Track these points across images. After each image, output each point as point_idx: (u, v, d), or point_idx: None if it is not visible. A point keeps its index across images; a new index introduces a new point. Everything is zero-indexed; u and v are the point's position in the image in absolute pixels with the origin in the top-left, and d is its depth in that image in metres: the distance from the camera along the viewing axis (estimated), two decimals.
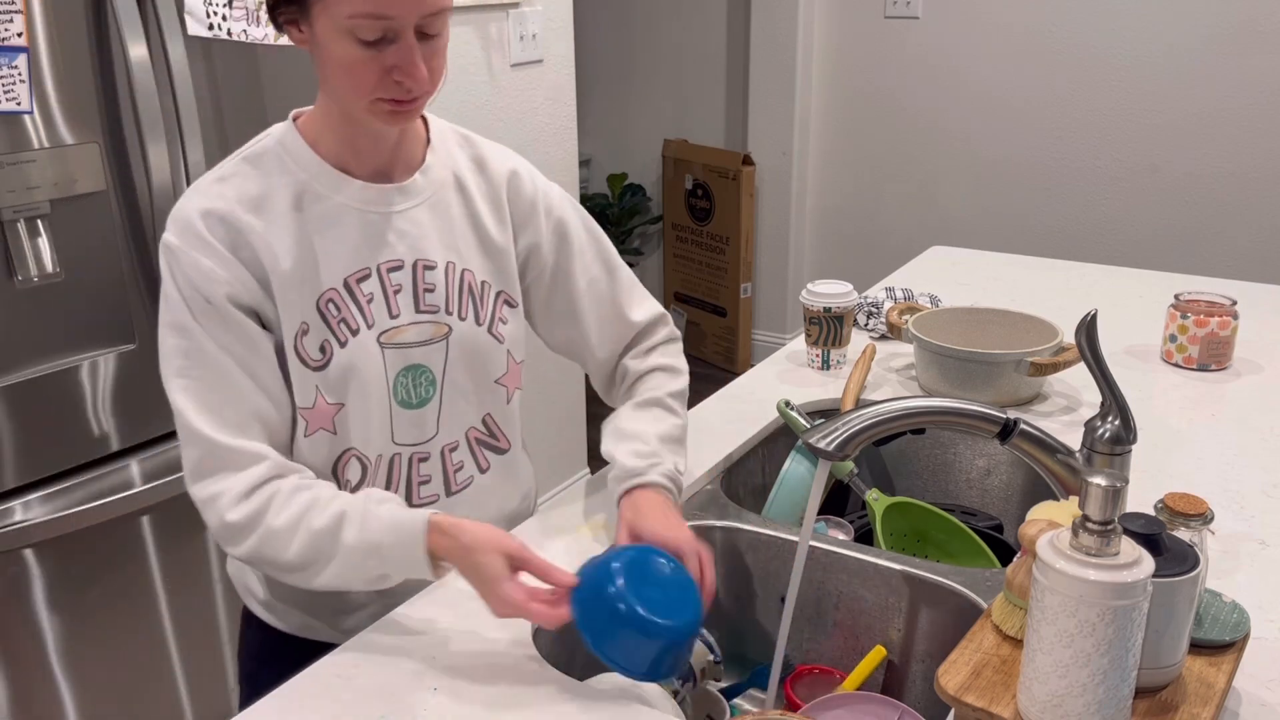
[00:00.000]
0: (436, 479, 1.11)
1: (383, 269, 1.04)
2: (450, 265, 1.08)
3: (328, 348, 1.02)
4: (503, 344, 1.12)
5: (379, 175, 1.06)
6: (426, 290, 1.06)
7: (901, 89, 3.58)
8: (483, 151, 1.14)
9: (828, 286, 1.59)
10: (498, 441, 1.16)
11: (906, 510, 1.34)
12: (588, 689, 0.94)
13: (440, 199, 1.08)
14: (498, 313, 1.11)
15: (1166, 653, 0.83)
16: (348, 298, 1.03)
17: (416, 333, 1.06)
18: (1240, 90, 3.04)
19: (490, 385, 1.13)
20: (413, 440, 1.09)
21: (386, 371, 1.05)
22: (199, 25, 1.71)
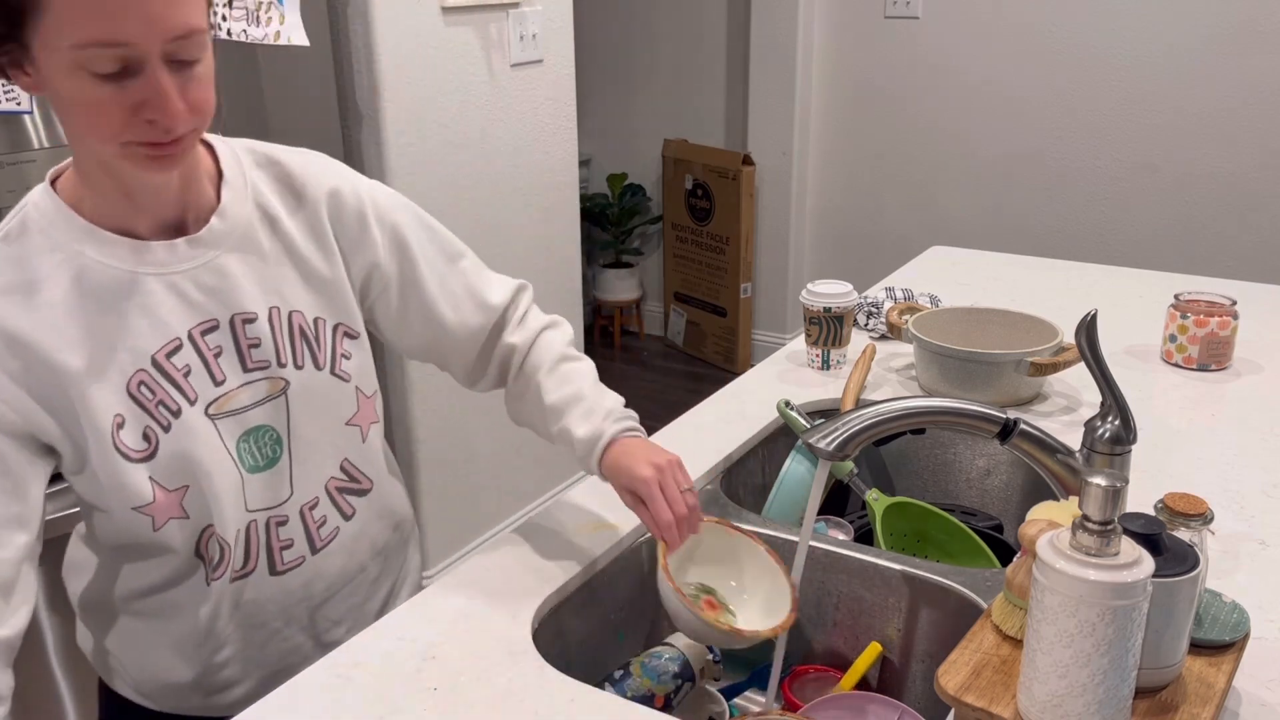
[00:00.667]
0: (300, 540, 1.03)
1: (195, 334, 0.93)
2: (274, 311, 0.96)
3: (151, 435, 0.92)
4: (349, 382, 1.02)
5: (166, 230, 0.92)
6: (251, 346, 0.95)
7: (901, 89, 3.58)
8: (290, 170, 0.99)
9: (828, 286, 1.59)
10: (360, 484, 1.08)
11: (906, 510, 1.34)
12: (588, 689, 0.94)
13: (247, 239, 0.95)
14: (339, 349, 1.01)
15: (1166, 653, 0.83)
16: (160, 377, 0.91)
17: (250, 394, 0.96)
18: (1240, 90, 3.04)
19: (341, 429, 1.03)
20: (267, 504, 1.00)
21: (224, 443, 0.95)
22: None
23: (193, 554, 0.99)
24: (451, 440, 2.51)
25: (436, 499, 2.51)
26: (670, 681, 1.05)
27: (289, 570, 1.04)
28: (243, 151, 0.98)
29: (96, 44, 0.76)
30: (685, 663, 1.07)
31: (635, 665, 1.06)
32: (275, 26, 1.86)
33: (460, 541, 2.62)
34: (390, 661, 0.97)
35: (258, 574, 1.02)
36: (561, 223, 2.73)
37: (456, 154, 2.36)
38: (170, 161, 0.84)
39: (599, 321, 4.48)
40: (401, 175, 2.22)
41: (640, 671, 1.05)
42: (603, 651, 1.16)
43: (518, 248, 2.60)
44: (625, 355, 4.33)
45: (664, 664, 1.06)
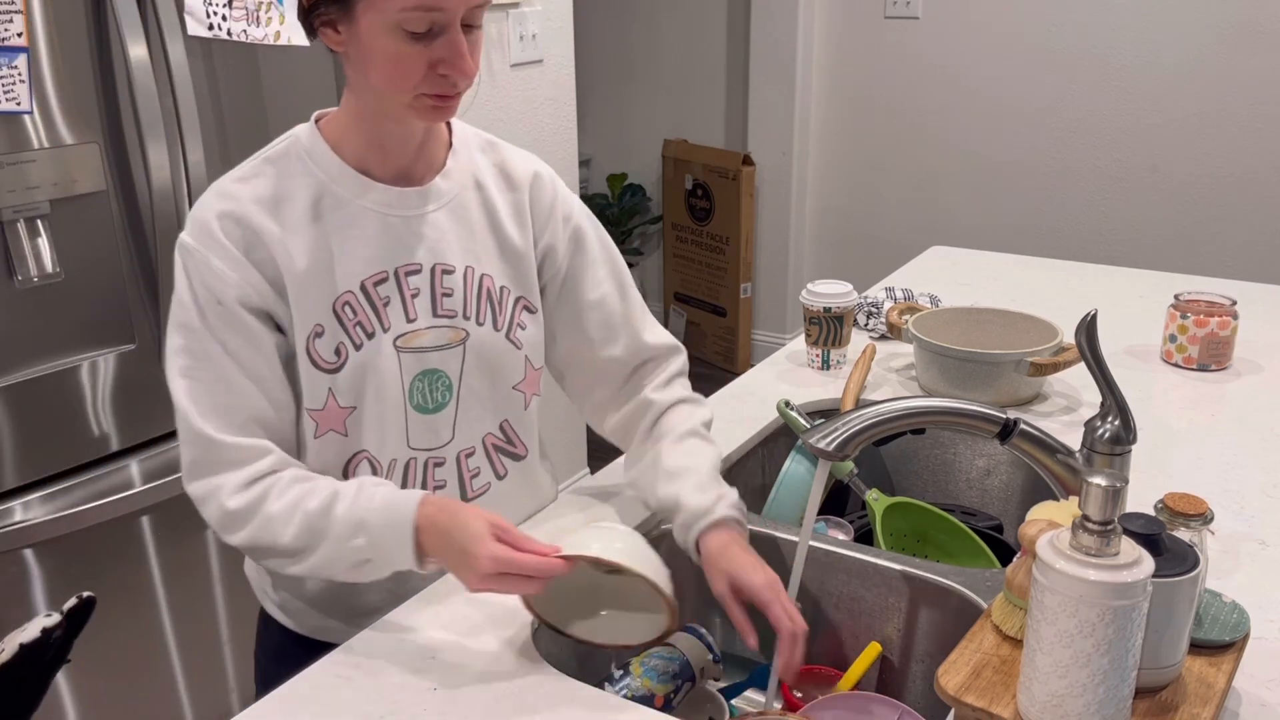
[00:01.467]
0: (452, 484, 1.11)
1: (400, 273, 1.04)
2: (469, 270, 1.07)
3: (343, 350, 1.02)
4: (521, 350, 1.11)
5: (401, 178, 1.05)
6: (444, 295, 1.06)
7: (901, 89, 3.58)
8: (505, 155, 1.13)
9: (828, 286, 1.59)
10: (515, 448, 1.16)
11: (906, 510, 1.34)
12: (588, 690, 0.94)
13: (461, 202, 1.08)
14: (516, 318, 1.11)
15: (1166, 653, 0.83)
16: (364, 301, 1.02)
17: (433, 337, 1.05)
18: (1240, 91, 3.04)
19: (507, 391, 1.12)
20: (428, 445, 1.08)
21: (402, 376, 1.04)
22: (199, 25, 1.71)
23: (339, 474, 1.06)
24: None
25: None
26: (670, 681, 1.05)
27: None
28: (473, 135, 1.12)
29: (418, 8, 0.91)
30: (685, 663, 1.07)
31: (635, 665, 1.06)
32: (275, 26, 1.86)
33: None
34: (390, 661, 0.97)
35: None
36: None
37: None
38: (448, 112, 0.98)
39: None
40: None
41: (640, 671, 1.05)
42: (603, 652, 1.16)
43: None
44: None
45: (664, 664, 1.06)
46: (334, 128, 1.04)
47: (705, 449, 1.14)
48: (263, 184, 1.01)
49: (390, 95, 0.97)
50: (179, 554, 1.82)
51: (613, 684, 1.03)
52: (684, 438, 1.14)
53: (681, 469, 1.11)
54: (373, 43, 0.94)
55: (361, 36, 0.94)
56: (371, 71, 0.96)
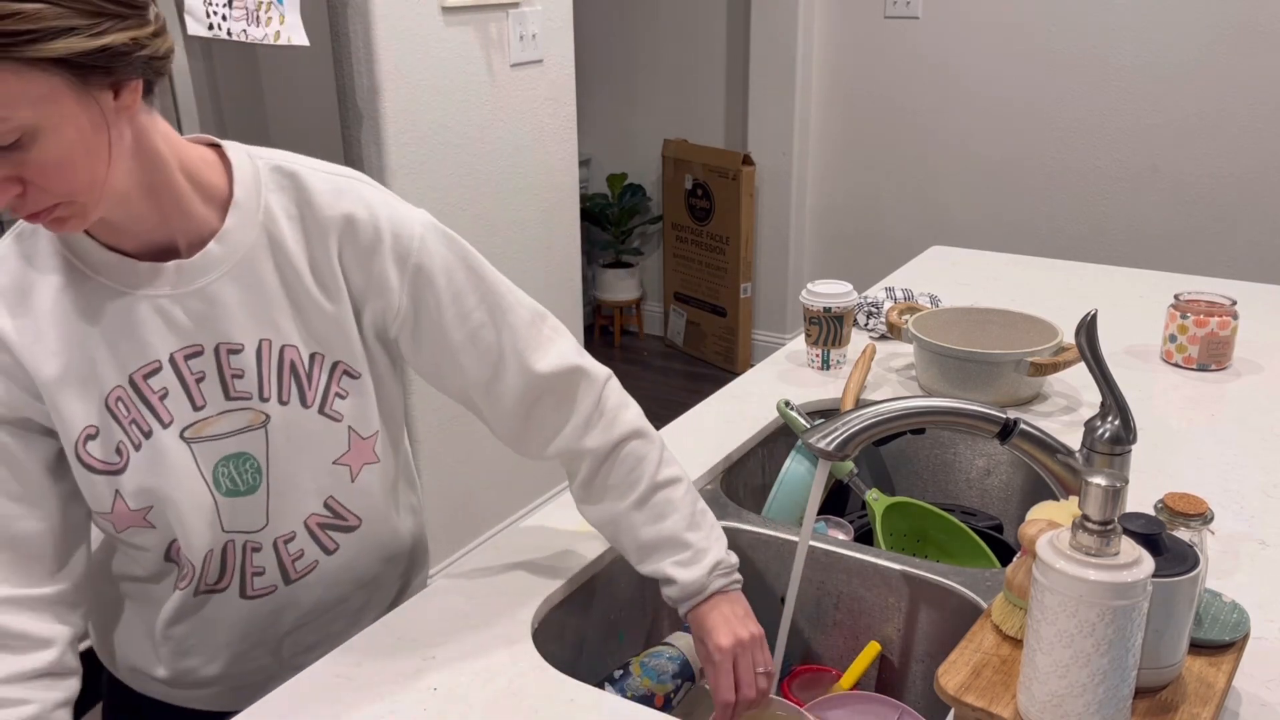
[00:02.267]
0: (272, 569, 1.01)
1: (178, 358, 0.91)
2: (264, 344, 0.93)
3: (123, 450, 0.91)
4: (341, 421, 0.97)
5: (161, 252, 0.90)
6: (235, 376, 0.93)
7: (901, 89, 3.58)
8: (311, 194, 0.93)
9: (828, 286, 1.59)
10: (346, 521, 1.02)
11: (906, 510, 1.34)
12: (588, 690, 0.94)
13: (247, 266, 0.91)
14: (334, 388, 0.96)
15: (1166, 653, 0.83)
16: (135, 396, 0.91)
17: (227, 423, 0.94)
18: (1240, 91, 3.04)
19: (328, 467, 0.98)
20: (243, 528, 0.98)
21: (199, 467, 0.94)
22: (199, 25, 1.71)
23: (163, 558, 1.00)
24: (451, 440, 2.51)
25: (436, 499, 2.51)
26: (670, 681, 1.05)
27: (260, 596, 1.03)
28: (267, 171, 0.93)
29: None
30: (685, 663, 1.07)
31: (635, 665, 1.06)
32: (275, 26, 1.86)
33: (460, 541, 2.62)
34: (390, 661, 0.97)
35: (228, 593, 1.02)
36: (561, 223, 2.73)
37: (456, 154, 2.36)
38: (61, 225, 0.81)
39: (599, 321, 4.48)
40: (401, 175, 2.23)
41: (640, 671, 1.05)
42: (603, 651, 1.16)
43: (518, 248, 2.60)
44: (625, 355, 4.33)
45: (664, 664, 1.06)
46: None
47: (673, 498, 1.03)
48: (8, 270, 0.89)
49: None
50: None
51: (613, 684, 1.03)
52: (649, 494, 1.03)
53: (661, 540, 1.02)
54: None
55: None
56: None
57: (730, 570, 1.03)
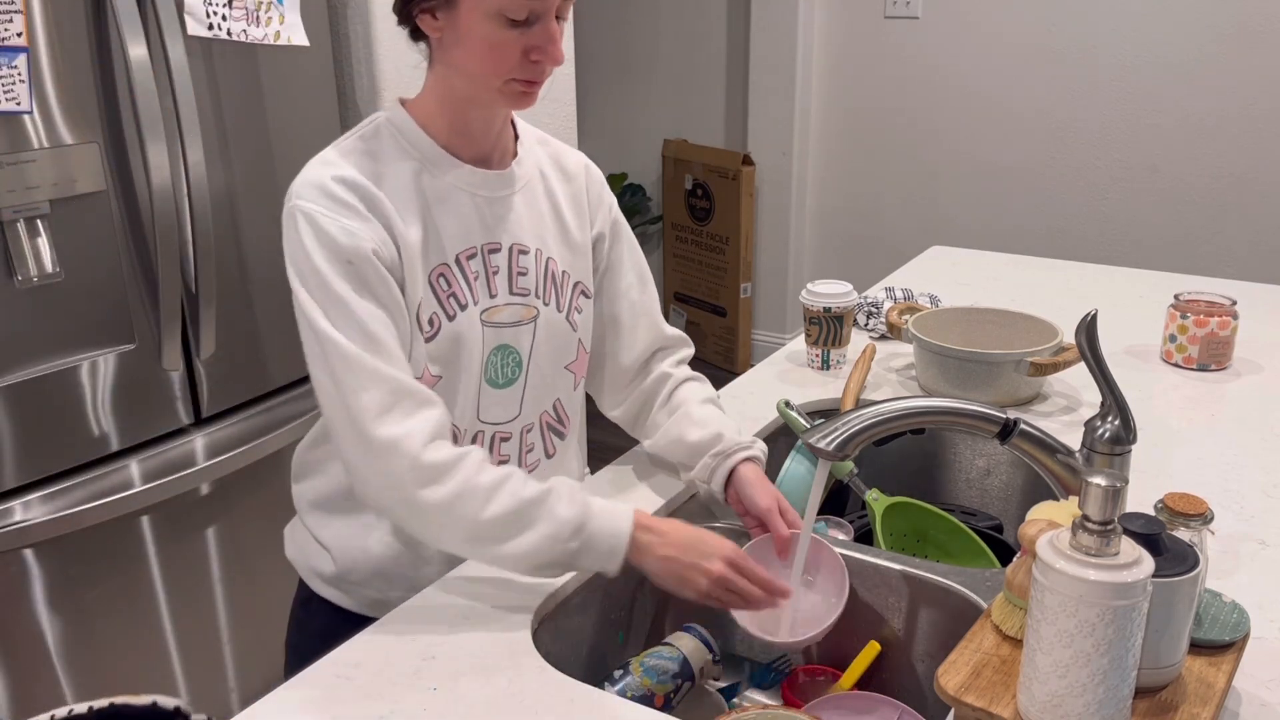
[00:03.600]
0: (513, 458, 1.15)
1: (485, 250, 1.09)
2: (539, 252, 1.13)
3: (436, 320, 1.06)
4: (576, 331, 1.17)
5: (482, 161, 1.10)
6: (520, 274, 1.11)
7: (901, 89, 3.58)
8: (557, 149, 1.20)
9: (828, 286, 1.59)
10: (562, 426, 1.20)
11: (906, 510, 1.34)
12: (588, 690, 0.94)
13: (530, 189, 1.14)
14: (575, 301, 1.17)
15: (1166, 653, 0.83)
16: (458, 273, 1.07)
17: (510, 313, 1.10)
18: (1240, 91, 3.04)
19: (562, 370, 1.17)
20: (496, 419, 1.12)
21: (484, 349, 1.09)
22: (199, 25, 1.71)
23: None
24: None
25: None
26: (670, 681, 1.05)
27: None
28: (528, 129, 1.18)
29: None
30: (685, 662, 1.07)
31: (635, 665, 1.06)
32: (275, 26, 1.86)
33: None
34: (390, 661, 0.97)
35: None
36: None
37: None
38: (531, 99, 1.04)
39: None
40: None
41: (640, 671, 1.05)
42: (603, 651, 1.16)
43: None
44: None
45: (664, 664, 1.06)
46: (421, 111, 1.08)
47: (724, 416, 1.24)
48: (364, 158, 1.04)
49: (483, 80, 1.02)
50: (179, 554, 1.82)
51: (613, 684, 1.03)
52: (704, 403, 1.24)
53: (711, 418, 1.22)
54: (472, 29, 0.98)
55: (460, 23, 0.99)
56: (468, 57, 1.01)
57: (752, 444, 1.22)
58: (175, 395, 1.77)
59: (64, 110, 1.55)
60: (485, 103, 1.06)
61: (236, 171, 1.83)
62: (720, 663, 1.11)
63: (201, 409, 1.83)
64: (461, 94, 1.05)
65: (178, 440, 1.80)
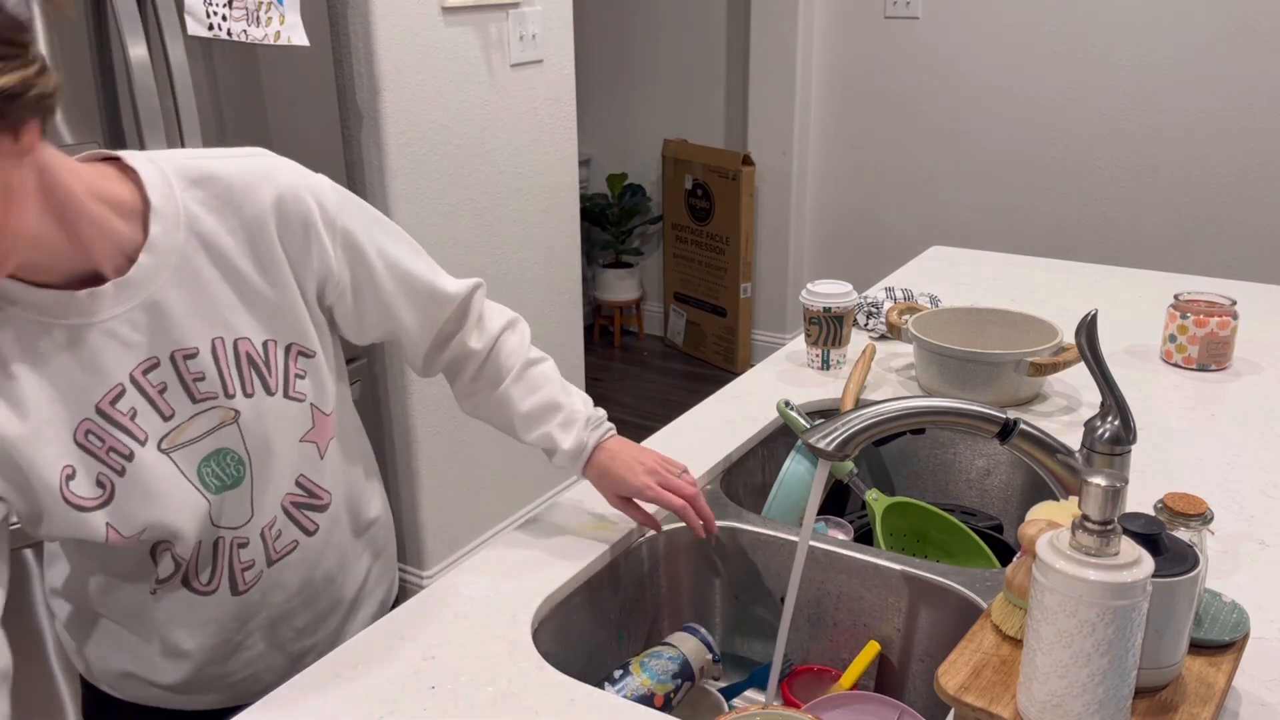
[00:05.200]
0: (260, 558, 1.03)
1: (137, 375, 0.90)
2: (218, 342, 0.93)
3: (105, 481, 0.91)
4: (304, 401, 0.99)
5: (91, 277, 0.88)
6: (196, 380, 0.92)
7: (901, 89, 3.58)
8: (229, 185, 0.93)
9: (827, 286, 1.59)
10: (318, 499, 1.06)
11: (906, 510, 1.34)
12: (588, 690, 0.94)
13: (183, 270, 0.90)
14: (292, 369, 0.98)
15: (1166, 653, 0.83)
16: (107, 424, 0.89)
17: (203, 423, 0.94)
18: (1240, 91, 3.04)
19: (297, 447, 1.01)
20: (231, 524, 0.99)
21: (183, 472, 0.94)
22: (199, 25, 1.71)
23: (149, 561, 0.99)
24: (451, 440, 2.51)
25: (436, 499, 2.51)
26: (670, 681, 1.05)
27: (249, 589, 1.04)
28: (174, 173, 0.91)
29: None
30: (685, 662, 1.07)
31: (635, 665, 1.06)
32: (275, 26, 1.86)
33: (460, 541, 2.62)
34: (390, 661, 0.97)
35: (220, 593, 1.03)
36: (561, 223, 2.73)
37: (456, 154, 2.36)
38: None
39: (599, 321, 4.48)
40: (401, 175, 2.23)
41: (640, 671, 1.05)
42: (603, 651, 1.16)
43: (518, 248, 2.60)
44: (625, 355, 4.33)
45: (664, 664, 1.06)
46: None
47: (543, 371, 1.15)
48: None
49: None
50: None
51: (613, 684, 1.03)
52: (522, 371, 1.14)
53: (538, 409, 1.13)
54: None
55: None
56: None
57: (600, 421, 1.15)
58: None
59: (64, 110, 1.55)
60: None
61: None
62: (720, 662, 1.11)
63: None
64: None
65: None
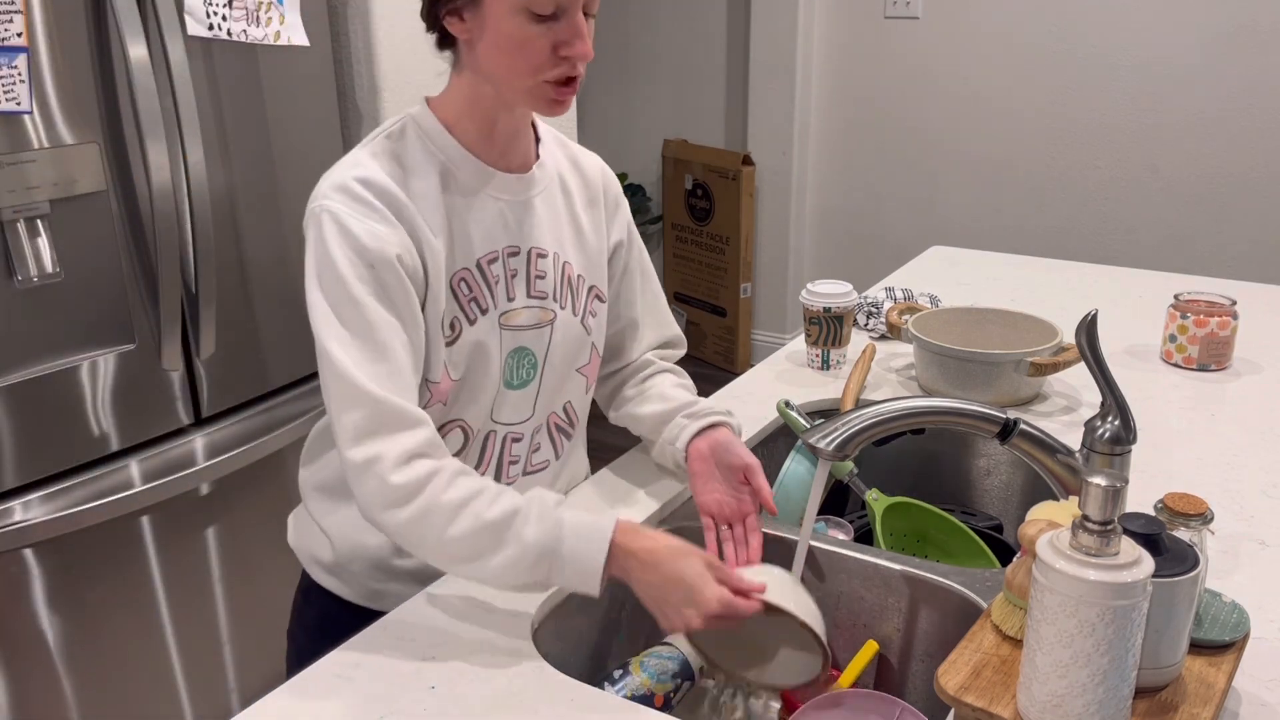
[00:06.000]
0: (522, 459, 1.16)
1: (504, 253, 1.09)
2: (556, 256, 1.13)
3: (457, 324, 1.06)
4: (590, 335, 1.18)
5: (504, 164, 1.09)
6: (538, 277, 1.11)
7: (901, 89, 3.58)
8: (575, 152, 1.20)
9: (827, 286, 1.59)
10: (571, 428, 1.21)
11: (906, 510, 1.34)
12: (588, 690, 0.94)
13: (550, 193, 1.13)
14: (589, 305, 1.17)
15: (1166, 653, 0.83)
16: (479, 278, 1.07)
17: (528, 317, 1.11)
18: (1240, 91, 3.04)
19: (574, 374, 1.18)
20: (509, 420, 1.13)
21: (502, 352, 1.09)
22: (199, 25, 1.71)
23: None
24: None
25: None
26: (670, 681, 1.05)
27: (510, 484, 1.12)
28: (547, 130, 1.17)
29: None
30: (685, 662, 1.07)
31: (635, 665, 1.06)
32: (275, 26, 1.86)
33: None
34: (390, 661, 0.97)
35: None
36: None
37: None
38: (564, 106, 1.02)
39: None
40: None
41: (640, 670, 1.05)
42: (603, 651, 1.16)
43: None
44: None
45: (663, 663, 1.06)
46: (447, 112, 1.07)
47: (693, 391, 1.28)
48: (390, 160, 1.04)
49: (512, 80, 1.00)
50: (178, 554, 1.82)
51: (612, 684, 1.03)
52: (678, 386, 1.27)
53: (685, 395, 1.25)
54: (499, 26, 0.97)
55: (487, 22, 0.98)
56: (496, 56, 0.99)
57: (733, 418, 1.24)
58: (175, 395, 1.77)
59: (64, 110, 1.55)
60: (512, 106, 1.05)
61: (236, 171, 1.83)
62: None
63: (201, 409, 1.83)
64: (490, 98, 1.04)
65: (178, 440, 1.80)
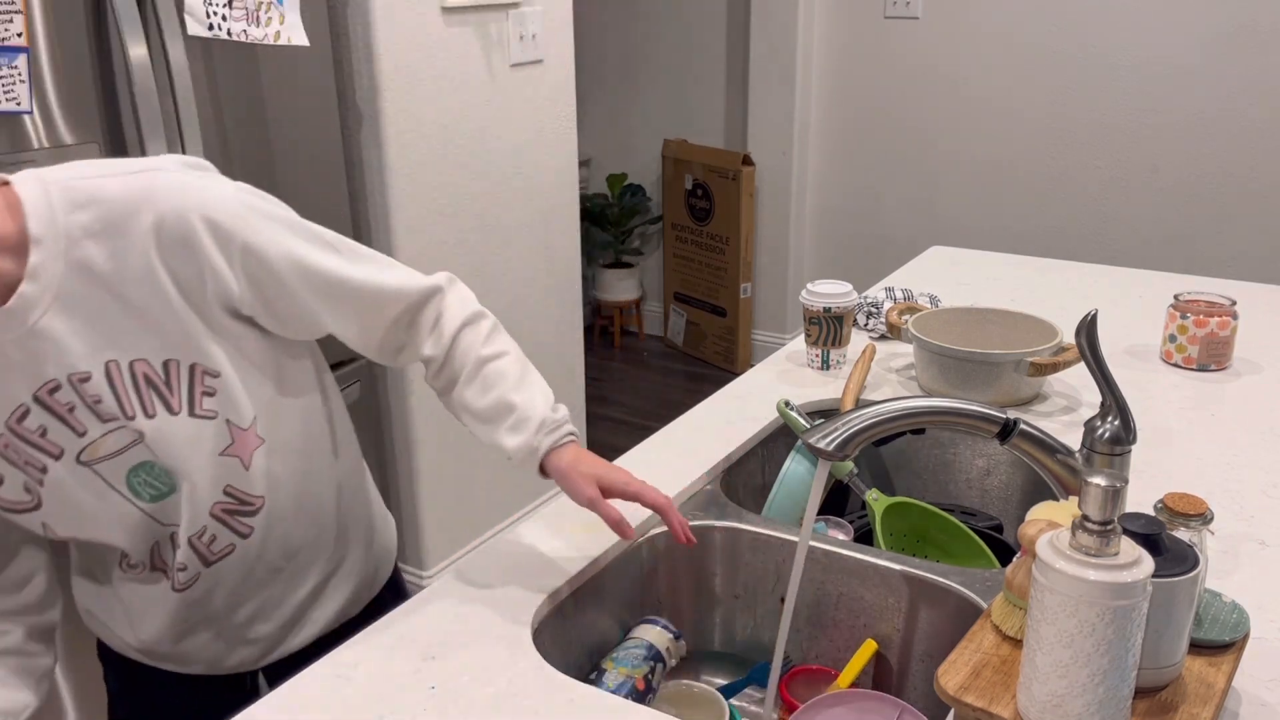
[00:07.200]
0: (192, 562, 1.04)
1: (41, 395, 0.91)
2: (111, 366, 0.92)
3: (31, 489, 0.95)
4: (215, 418, 0.97)
5: None
6: (94, 402, 0.93)
7: (901, 89, 3.58)
8: (111, 207, 0.89)
9: (827, 286, 1.59)
10: (250, 505, 1.04)
11: (906, 510, 1.34)
12: (587, 690, 0.94)
13: (66, 298, 0.89)
14: (198, 389, 0.96)
15: (1166, 653, 0.83)
16: (18, 440, 0.93)
17: (115, 441, 0.95)
18: (1240, 91, 3.04)
19: (217, 460, 0.99)
20: (170, 520, 1.02)
21: (109, 483, 0.96)
22: (199, 25, 1.72)
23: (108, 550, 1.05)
24: (451, 441, 2.51)
25: (436, 499, 2.51)
26: (643, 664, 1.08)
27: (189, 586, 1.06)
28: (59, 195, 0.88)
29: None
30: (650, 646, 1.11)
31: (608, 663, 1.09)
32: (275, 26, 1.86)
33: (460, 541, 2.62)
34: (390, 661, 0.97)
35: (162, 586, 1.06)
36: (561, 223, 2.73)
37: (456, 154, 2.36)
38: None
39: (599, 321, 4.48)
40: (401, 175, 2.23)
41: (614, 666, 1.07)
42: (603, 652, 1.16)
43: (518, 248, 2.60)
44: (625, 355, 4.33)
45: (632, 653, 1.10)
46: None
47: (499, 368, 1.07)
48: None
49: None
50: None
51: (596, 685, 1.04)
52: (476, 370, 1.07)
53: (489, 410, 1.06)
54: None
55: None
56: None
57: (557, 425, 1.07)
58: None
59: (64, 110, 1.55)
60: None
61: (236, 171, 1.83)
62: (683, 639, 1.14)
63: None
64: None
65: None
